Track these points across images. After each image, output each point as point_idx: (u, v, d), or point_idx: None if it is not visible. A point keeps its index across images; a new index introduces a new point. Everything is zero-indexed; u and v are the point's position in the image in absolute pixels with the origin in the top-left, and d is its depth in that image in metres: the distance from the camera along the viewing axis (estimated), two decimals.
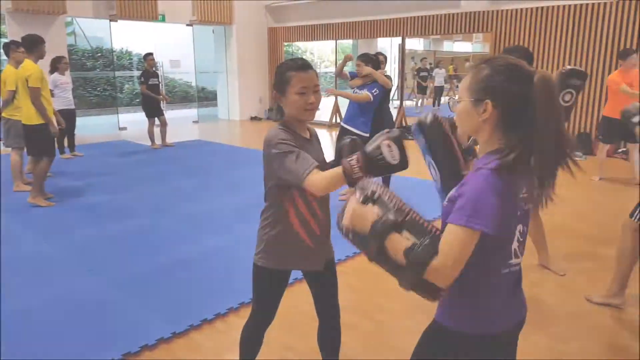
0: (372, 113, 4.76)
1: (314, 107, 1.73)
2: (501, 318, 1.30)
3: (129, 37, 14.03)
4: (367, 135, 4.67)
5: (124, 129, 10.93)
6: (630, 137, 5.79)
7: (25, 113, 4.93)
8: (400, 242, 1.18)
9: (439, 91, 12.34)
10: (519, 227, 1.26)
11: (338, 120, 11.42)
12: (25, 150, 5.32)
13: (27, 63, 4.90)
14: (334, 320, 2.01)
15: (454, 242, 1.15)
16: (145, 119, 8.51)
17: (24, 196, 5.22)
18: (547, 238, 3.45)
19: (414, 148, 1.60)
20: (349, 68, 5.87)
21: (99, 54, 14.57)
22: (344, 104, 13.20)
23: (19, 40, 5.29)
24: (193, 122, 12.41)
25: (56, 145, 6.52)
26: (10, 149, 5.65)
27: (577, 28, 7.68)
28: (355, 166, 1.48)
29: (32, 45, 4.96)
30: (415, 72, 12.00)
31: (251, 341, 1.99)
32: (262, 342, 2.01)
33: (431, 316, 2.87)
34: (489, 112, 1.19)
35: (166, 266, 3.52)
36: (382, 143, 1.47)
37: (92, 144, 8.79)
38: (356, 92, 4.77)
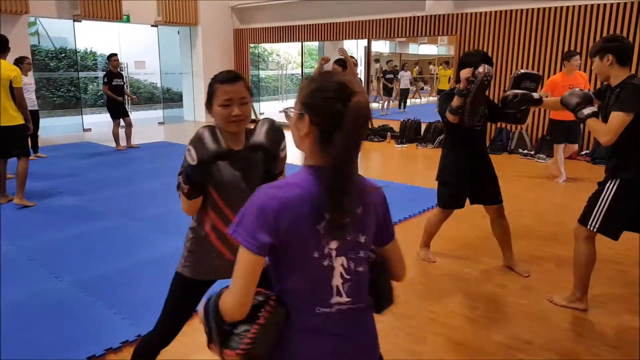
0: None
1: (239, 119, 1.71)
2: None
3: (93, 37, 13.75)
4: None
5: (89, 130, 10.73)
6: (572, 137, 6.10)
7: (5, 114, 4.84)
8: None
9: (404, 93, 12.57)
10: (341, 260, 1.15)
11: None
12: None
13: (5, 64, 4.83)
14: None
15: (238, 262, 1.12)
16: (110, 120, 8.39)
17: None
18: (512, 240, 3.56)
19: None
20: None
21: (63, 55, 14.23)
22: None
23: None
24: (158, 123, 12.27)
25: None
26: None
27: (540, 31, 7.97)
28: (182, 181, 1.66)
29: (3, 46, 4.90)
30: (381, 75, 12.18)
31: (146, 357, 1.90)
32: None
33: (396, 317, 2.97)
34: (307, 127, 1.14)
35: (131, 268, 3.53)
36: (185, 151, 1.61)
37: (56, 145, 8.61)
38: None
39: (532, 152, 7.76)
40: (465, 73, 3.05)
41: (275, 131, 1.65)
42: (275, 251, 1.12)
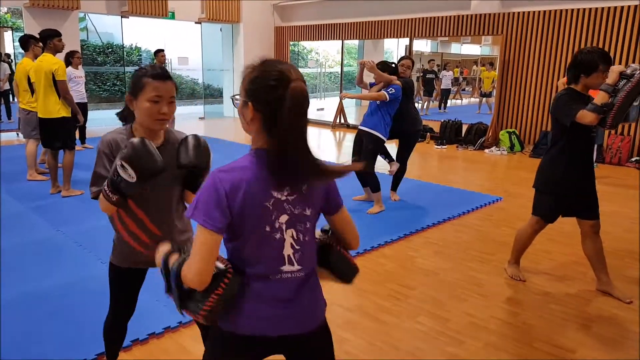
0: (390, 115, 4.67)
1: (166, 117, 1.71)
2: (261, 323, 1.28)
3: (138, 33, 14.15)
4: (385, 138, 4.67)
5: None
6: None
7: (45, 106, 5.01)
8: (173, 262, 1.29)
9: (445, 94, 12.37)
10: (290, 232, 1.27)
11: (342, 121, 11.49)
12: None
13: (50, 57, 4.97)
14: None
15: (194, 241, 1.22)
16: None
17: (36, 184, 5.32)
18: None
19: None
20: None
21: (110, 50, 14.71)
22: (348, 104, 13.24)
23: (36, 34, 5.43)
24: (199, 118, 12.51)
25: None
26: (26, 139, 5.82)
27: (589, 32, 7.71)
28: (107, 190, 1.65)
29: (44, 40, 5.04)
30: (422, 74, 12.04)
31: (112, 333, 2.05)
32: (125, 334, 2.07)
33: (434, 319, 2.95)
34: (251, 113, 1.22)
35: None
36: (116, 164, 1.59)
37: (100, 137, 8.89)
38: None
39: None
40: (619, 67, 2.75)
41: (204, 148, 1.75)
42: (230, 228, 1.23)
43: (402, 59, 5.13)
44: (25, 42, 5.74)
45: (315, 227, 1.35)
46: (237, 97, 1.27)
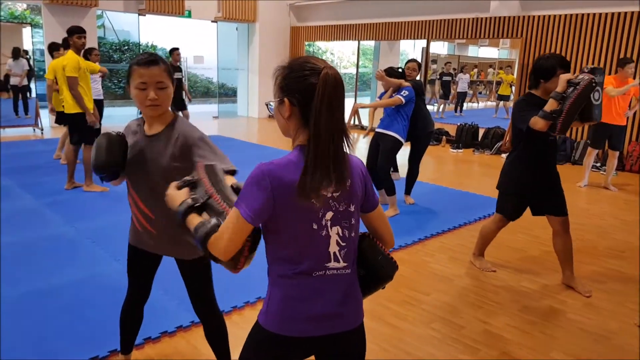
0: (407, 117, 4.70)
1: (155, 103, 1.71)
2: (303, 323, 1.27)
3: (155, 31, 14.24)
4: (403, 140, 4.70)
5: None
6: (615, 143, 5.99)
7: (65, 101, 5.10)
8: (193, 221, 1.33)
9: (461, 97, 12.25)
10: (336, 229, 1.27)
11: (357, 122, 11.44)
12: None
13: (68, 53, 5.06)
14: (204, 316, 2.02)
15: (228, 221, 1.24)
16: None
17: (52, 181, 5.36)
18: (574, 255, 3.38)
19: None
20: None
21: (126, 47, 14.82)
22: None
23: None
24: (213, 117, 12.55)
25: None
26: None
27: (610, 37, 7.57)
28: None
29: (69, 36, 5.08)
30: (438, 77, 11.94)
31: (127, 316, 2.09)
32: (142, 319, 2.13)
33: (448, 325, 2.91)
34: (288, 109, 1.23)
35: None
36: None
37: None
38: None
39: (598, 164, 7.35)
40: (567, 75, 2.84)
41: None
42: (273, 223, 1.23)
43: (408, 62, 5.17)
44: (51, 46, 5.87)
45: (358, 223, 1.34)
46: (271, 102, 1.29)
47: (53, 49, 6.43)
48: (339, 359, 1.36)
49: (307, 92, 1.18)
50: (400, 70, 4.92)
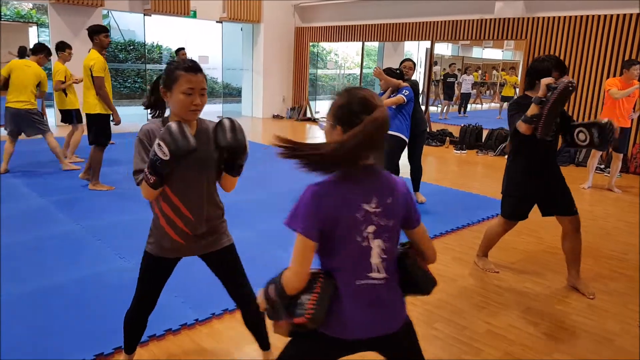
0: (409, 116, 4.80)
1: (198, 108, 1.80)
2: (352, 326, 1.40)
3: (160, 31, 14.28)
4: (407, 139, 4.79)
5: None
6: (619, 146, 6.00)
7: (85, 101, 5.12)
8: (272, 285, 1.43)
9: (465, 98, 12.25)
10: (377, 242, 1.39)
11: None
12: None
13: (92, 53, 5.06)
14: (248, 302, 2.07)
15: (295, 245, 1.37)
16: None
17: (59, 179, 5.38)
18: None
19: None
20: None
21: (131, 47, 14.87)
22: None
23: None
24: (217, 117, 12.50)
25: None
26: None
27: (615, 39, 7.55)
28: (147, 173, 1.72)
29: (94, 35, 5.08)
30: (442, 78, 11.94)
31: (134, 324, 2.09)
32: (145, 327, 2.12)
33: (451, 326, 2.92)
34: (340, 136, 1.36)
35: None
36: (155, 145, 1.67)
37: (122, 133, 8.97)
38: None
39: (602, 166, 7.34)
40: (547, 80, 2.87)
41: (239, 130, 1.83)
42: (322, 237, 1.36)
43: (403, 61, 5.25)
44: (39, 50, 5.89)
45: (398, 238, 1.48)
46: (324, 120, 1.43)
47: (59, 48, 6.47)
48: (393, 357, 1.51)
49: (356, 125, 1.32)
50: (398, 71, 4.98)
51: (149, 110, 2.04)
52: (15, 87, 5.63)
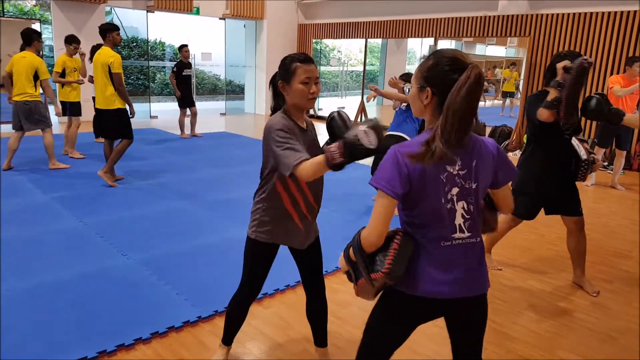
0: (418, 120, 4.71)
1: (315, 96, 1.91)
2: (431, 284, 1.41)
3: (163, 28, 14.27)
4: None
5: (155, 117, 11.15)
6: (622, 143, 6.00)
7: (103, 98, 5.20)
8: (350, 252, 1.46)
9: None
10: (461, 203, 1.41)
11: (363, 120, 11.41)
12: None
13: (107, 50, 5.15)
14: (320, 292, 2.19)
15: (376, 203, 1.39)
16: (176, 109, 8.67)
17: (61, 175, 5.41)
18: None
19: None
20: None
21: (134, 44, 14.87)
22: (370, 104, 13.15)
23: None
24: (220, 114, 12.58)
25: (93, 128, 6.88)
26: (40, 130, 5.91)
27: (619, 35, 7.51)
28: (335, 152, 1.66)
29: (107, 33, 5.18)
30: None
31: (237, 313, 2.19)
32: (247, 315, 2.21)
33: None
34: (429, 98, 1.38)
35: (194, 251, 3.62)
36: (359, 130, 1.64)
37: None
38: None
39: (606, 163, 7.31)
40: (563, 63, 2.84)
41: (352, 123, 1.80)
42: (407, 197, 1.38)
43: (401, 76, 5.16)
44: (29, 37, 5.83)
45: (481, 199, 1.48)
46: (408, 85, 1.42)
47: (66, 41, 6.53)
48: (465, 323, 1.53)
49: (449, 86, 1.32)
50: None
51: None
52: (15, 81, 5.68)
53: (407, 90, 1.44)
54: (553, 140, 3.05)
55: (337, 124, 1.81)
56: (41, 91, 5.82)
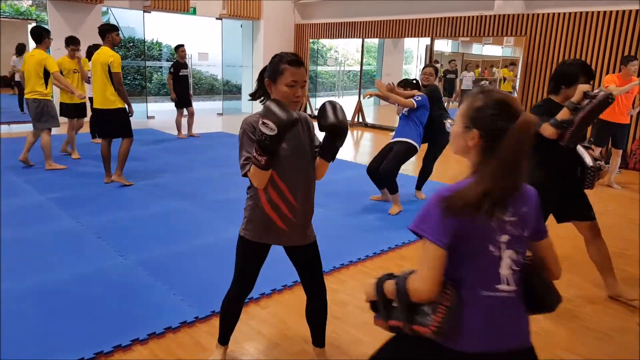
0: (422, 124, 4.75)
1: (299, 100, 1.90)
2: (474, 339, 1.30)
3: (159, 28, 14.25)
4: (418, 147, 4.76)
5: (152, 117, 11.13)
6: (618, 142, 6.00)
7: (102, 97, 5.20)
8: (391, 284, 1.37)
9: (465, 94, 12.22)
10: (509, 252, 1.31)
11: (360, 120, 11.43)
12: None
13: (107, 50, 5.15)
14: (321, 295, 2.18)
15: (420, 255, 1.30)
16: (173, 109, 8.66)
17: (56, 176, 5.40)
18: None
19: None
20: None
21: (131, 44, 14.84)
22: (367, 104, 13.17)
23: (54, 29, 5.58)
24: (217, 114, 12.57)
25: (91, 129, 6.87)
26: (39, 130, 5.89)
27: (614, 35, 7.54)
28: (256, 154, 1.76)
29: (107, 33, 5.20)
30: (442, 75, 11.91)
31: (230, 311, 2.20)
32: (240, 313, 2.22)
33: None
34: (476, 140, 1.31)
35: (192, 251, 3.62)
36: (260, 125, 1.72)
37: None
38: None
39: (602, 161, 7.32)
40: (584, 87, 2.73)
41: (341, 110, 1.88)
42: (452, 245, 1.27)
43: (424, 67, 5.18)
44: (40, 35, 5.82)
45: (526, 250, 1.40)
46: (450, 121, 1.39)
47: (65, 42, 6.54)
48: None
49: (498, 132, 1.26)
50: (414, 81, 4.97)
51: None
52: (27, 79, 5.75)
53: (449, 126, 1.41)
54: (554, 149, 2.91)
55: (320, 113, 1.89)
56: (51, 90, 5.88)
